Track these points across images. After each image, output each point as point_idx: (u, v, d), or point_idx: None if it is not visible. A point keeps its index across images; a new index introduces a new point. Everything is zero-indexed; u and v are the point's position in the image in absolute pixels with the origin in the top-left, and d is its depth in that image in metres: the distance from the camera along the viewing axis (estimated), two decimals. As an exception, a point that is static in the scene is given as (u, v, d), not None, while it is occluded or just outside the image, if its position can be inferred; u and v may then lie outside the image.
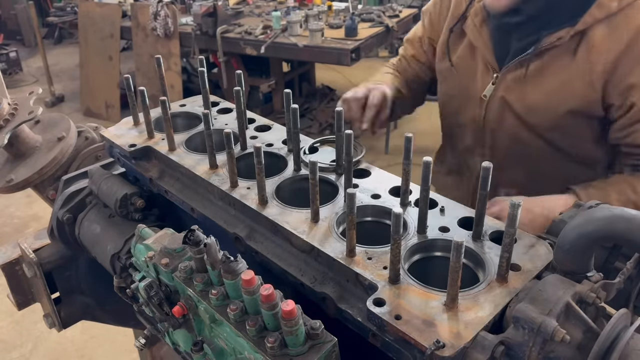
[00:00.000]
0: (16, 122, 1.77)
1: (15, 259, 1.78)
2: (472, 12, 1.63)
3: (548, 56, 1.48)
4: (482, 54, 1.62)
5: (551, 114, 1.52)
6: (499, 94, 1.59)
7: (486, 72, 1.62)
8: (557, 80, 1.48)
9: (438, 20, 1.78)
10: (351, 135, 1.17)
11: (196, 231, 1.00)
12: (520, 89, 1.55)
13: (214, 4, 5.85)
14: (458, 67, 1.70)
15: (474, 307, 0.89)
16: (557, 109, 1.51)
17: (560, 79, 1.48)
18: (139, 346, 1.48)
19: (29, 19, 9.75)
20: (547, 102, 1.51)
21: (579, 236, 0.89)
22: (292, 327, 0.84)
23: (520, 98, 1.56)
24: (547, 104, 1.51)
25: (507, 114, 1.60)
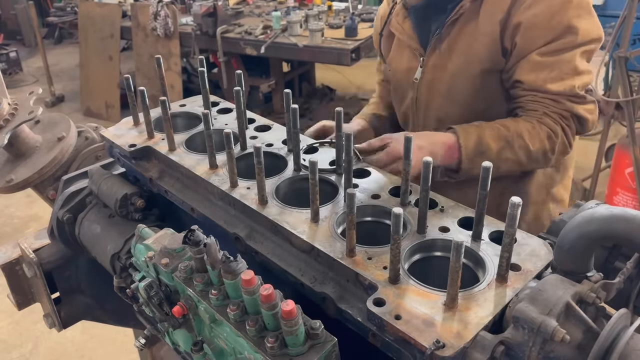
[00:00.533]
0: (16, 122, 1.77)
1: (15, 259, 1.78)
2: (394, 13, 1.83)
3: (457, 27, 1.63)
4: (408, 44, 1.79)
5: (466, 78, 1.64)
6: (427, 74, 1.74)
7: (414, 58, 1.78)
8: (466, 44, 1.62)
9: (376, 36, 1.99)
10: (351, 135, 1.17)
11: (196, 231, 1.00)
12: (441, 65, 1.69)
13: (214, 4, 5.85)
14: (391, 64, 1.88)
15: (474, 307, 0.89)
16: (471, 71, 1.63)
17: (468, 42, 1.62)
18: (139, 346, 1.48)
19: (29, 19, 9.75)
20: (461, 66, 1.64)
21: (579, 236, 0.89)
22: (292, 327, 0.84)
23: (444, 72, 1.69)
24: (462, 68, 1.64)
25: (434, 91, 1.73)
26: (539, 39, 1.52)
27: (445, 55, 1.67)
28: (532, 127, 1.55)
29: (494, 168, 1.50)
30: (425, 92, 1.76)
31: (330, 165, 1.32)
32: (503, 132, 1.55)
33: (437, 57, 1.70)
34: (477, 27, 1.59)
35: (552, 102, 1.56)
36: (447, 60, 1.67)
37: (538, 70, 1.53)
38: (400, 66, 1.84)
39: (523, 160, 1.57)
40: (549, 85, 1.53)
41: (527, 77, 1.55)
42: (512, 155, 1.56)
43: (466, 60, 1.63)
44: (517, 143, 1.54)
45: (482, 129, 1.56)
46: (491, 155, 1.52)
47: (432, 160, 1.42)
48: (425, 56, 1.72)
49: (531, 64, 1.53)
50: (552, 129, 1.55)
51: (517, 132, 1.55)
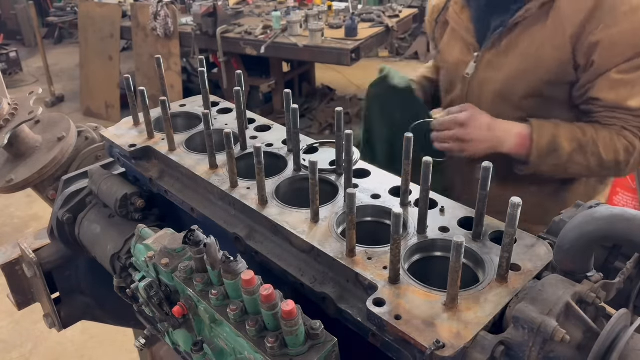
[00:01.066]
0: (16, 122, 1.77)
1: (15, 259, 1.78)
2: (453, 1, 1.81)
3: (520, 29, 1.60)
4: (463, 36, 1.77)
5: (526, 82, 1.62)
6: (480, 71, 1.72)
7: (467, 52, 1.76)
8: (529, 49, 1.59)
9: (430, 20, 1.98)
10: (351, 135, 1.17)
11: (196, 231, 1.00)
12: (497, 64, 1.67)
13: (214, 4, 5.85)
14: (443, 53, 1.87)
15: (474, 307, 0.89)
16: (531, 77, 1.60)
17: (532, 47, 1.59)
18: (139, 346, 1.48)
19: (29, 19, 9.75)
20: (521, 72, 1.62)
21: (579, 236, 0.89)
22: (292, 327, 0.84)
23: (500, 72, 1.67)
24: (522, 74, 1.62)
25: (486, 90, 1.71)
26: (619, 57, 1.49)
27: (503, 55, 1.65)
28: (610, 137, 1.54)
29: (562, 169, 1.58)
30: (477, 88, 1.74)
31: (330, 165, 1.32)
32: (579, 135, 1.55)
33: (493, 55, 1.67)
34: (544, 35, 1.56)
35: (632, 118, 1.54)
36: (504, 60, 1.65)
37: (618, 87, 1.51)
38: (451, 57, 1.82)
39: (593, 167, 1.56)
40: (630, 102, 1.51)
41: (606, 95, 1.52)
42: (583, 160, 1.55)
43: (527, 65, 1.60)
44: (591, 149, 1.54)
45: (558, 128, 1.56)
46: (562, 155, 1.54)
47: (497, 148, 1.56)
48: (481, 52, 1.70)
49: (610, 81, 1.51)
50: (630, 142, 1.54)
51: (593, 138, 1.54)
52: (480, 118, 1.59)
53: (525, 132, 1.57)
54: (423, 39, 8.67)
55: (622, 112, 1.54)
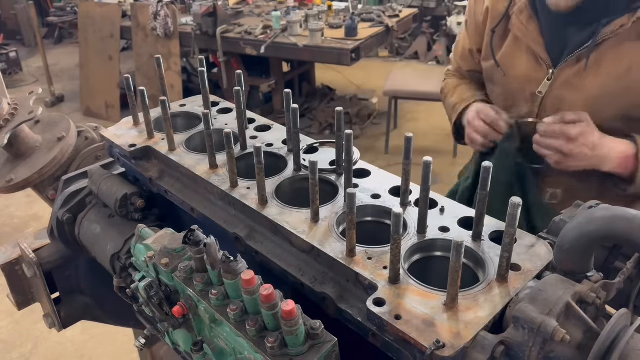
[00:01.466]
0: (16, 122, 1.77)
1: (15, 259, 1.78)
2: (517, 10, 1.60)
3: (608, 45, 1.45)
4: (532, 50, 1.59)
5: (614, 104, 1.49)
6: (556, 90, 1.56)
7: (537, 67, 1.59)
8: (619, 69, 1.45)
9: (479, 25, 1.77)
10: (351, 135, 1.17)
11: (196, 231, 1.00)
12: (580, 83, 1.51)
13: (214, 4, 5.85)
14: (504, 66, 1.67)
15: (474, 307, 0.89)
16: (621, 98, 1.47)
17: (623, 66, 1.45)
18: (139, 346, 1.48)
19: (29, 19, 9.75)
20: (610, 93, 1.48)
21: (579, 236, 0.89)
22: (292, 327, 0.84)
23: (580, 92, 1.52)
24: (610, 95, 1.48)
25: (563, 110, 1.55)
26: None
27: (586, 77, 1.50)
28: None
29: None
30: (551, 109, 1.58)
31: (330, 165, 1.32)
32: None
33: (574, 74, 1.52)
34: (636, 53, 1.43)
35: None
36: (588, 80, 1.50)
37: None
38: (517, 72, 1.64)
39: None
40: None
41: None
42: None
43: (616, 87, 1.47)
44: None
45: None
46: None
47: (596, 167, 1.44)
48: (556, 69, 1.54)
49: None
50: None
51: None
52: (591, 136, 1.45)
53: (630, 152, 1.45)
54: (423, 39, 8.68)
55: None
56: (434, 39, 8.64)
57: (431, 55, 8.55)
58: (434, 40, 8.61)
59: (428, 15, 8.63)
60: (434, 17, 8.66)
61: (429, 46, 8.68)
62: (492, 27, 1.69)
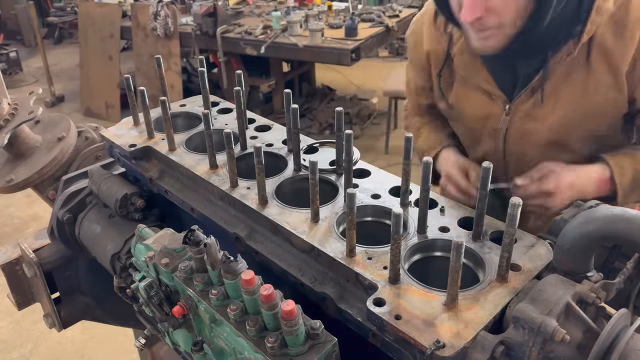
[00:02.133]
0: (16, 122, 1.77)
1: (15, 259, 1.78)
2: (457, 51, 1.57)
3: (560, 73, 1.44)
4: (483, 88, 1.57)
5: (579, 127, 1.50)
6: (516, 123, 1.55)
7: (492, 104, 1.57)
8: (577, 93, 1.46)
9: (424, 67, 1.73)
10: (351, 135, 1.17)
11: (196, 231, 1.00)
12: (540, 114, 1.51)
13: (214, 4, 5.84)
14: (459, 106, 1.65)
15: (474, 307, 0.89)
16: (584, 123, 1.49)
17: (580, 91, 1.45)
18: (139, 346, 1.48)
19: (29, 19, 9.75)
20: (571, 120, 1.49)
21: (579, 236, 0.89)
22: (292, 327, 0.84)
23: (541, 123, 1.52)
24: (572, 121, 1.49)
25: (529, 142, 1.57)
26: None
27: (544, 106, 1.49)
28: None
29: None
30: (516, 142, 1.58)
31: (330, 165, 1.32)
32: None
33: (531, 106, 1.51)
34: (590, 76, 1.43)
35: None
36: (549, 111, 1.49)
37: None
38: (474, 111, 1.61)
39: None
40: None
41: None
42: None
43: (578, 112, 1.47)
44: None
45: (636, 160, 1.47)
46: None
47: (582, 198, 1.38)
48: (512, 104, 1.53)
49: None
50: None
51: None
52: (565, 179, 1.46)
53: (605, 176, 1.46)
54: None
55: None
56: (434, 39, 8.63)
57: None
58: (434, 40, 8.60)
59: (428, 15, 8.62)
60: (434, 17, 8.64)
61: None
62: (437, 71, 1.66)
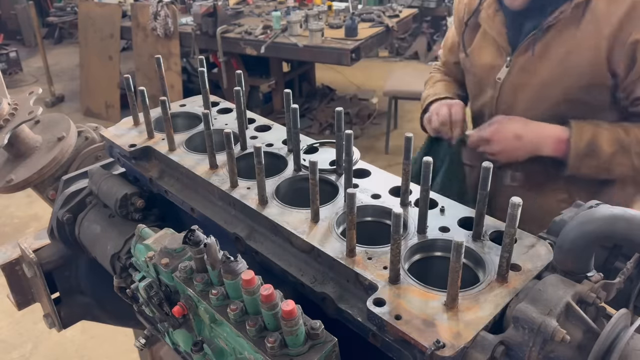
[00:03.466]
0: (16, 122, 1.77)
1: (15, 259, 1.78)
2: (486, 5, 1.76)
3: (554, 31, 1.58)
4: (495, 40, 1.73)
5: (561, 87, 1.60)
6: (513, 76, 1.68)
7: (500, 56, 1.72)
8: (563, 52, 1.57)
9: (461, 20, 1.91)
10: (351, 135, 1.17)
11: (196, 231, 1.00)
12: (532, 68, 1.63)
13: (214, 4, 5.85)
14: (472, 56, 1.81)
15: (474, 307, 0.89)
16: (566, 82, 1.58)
17: (566, 50, 1.56)
18: (139, 346, 1.48)
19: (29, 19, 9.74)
20: (555, 75, 1.59)
21: (579, 236, 0.89)
22: (292, 327, 0.84)
23: (532, 77, 1.64)
24: (556, 77, 1.59)
25: (519, 96, 1.68)
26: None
27: (537, 60, 1.62)
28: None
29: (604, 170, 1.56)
30: (509, 94, 1.71)
31: (330, 165, 1.32)
32: (621, 135, 1.53)
33: (527, 60, 1.64)
34: (578, 37, 1.54)
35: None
36: (539, 66, 1.62)
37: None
38: (483, 61, 1.78)
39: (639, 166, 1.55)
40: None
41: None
42: (626, 160, 1.54)
43: (561, 70, 1.58)
44: (635, 149, 1.52)
45: (598, 129, 1.54)
46: (602, 157, 1.53)
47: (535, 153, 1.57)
48: (513, 56, 1.68)
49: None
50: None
51: (637, 138, 1.52)
52: (507, 129, 1.60)
53: (563, 136, 1.56)
54: (423, 38, 8.67)
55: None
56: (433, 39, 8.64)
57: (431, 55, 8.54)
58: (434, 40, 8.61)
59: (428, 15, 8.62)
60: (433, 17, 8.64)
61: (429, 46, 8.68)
62: (465, 20, 1.85)
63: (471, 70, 1.85)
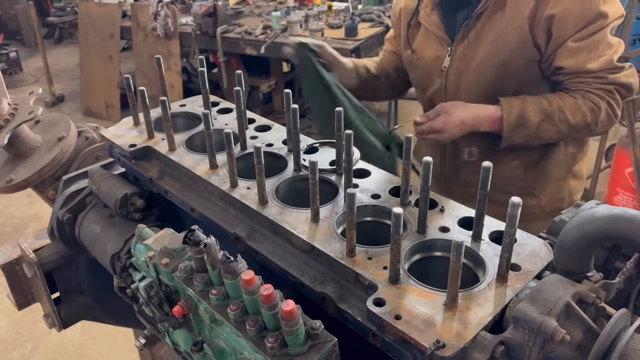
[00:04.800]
0: (16, 122, 1.77)
1: (15, 259, 1.78)
2: (423, 5, 1.96)
3: (483, 18, 1.77)
4: (436, 35, 1.92)
5: (493, 65, 1.78)
6: (455, 63, 1.87)
7: (442, 48, 1.91)
8: (493, 35, 1.76)
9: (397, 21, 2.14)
10: (351, 135, 1.17)
11: (196, 231, 1.00)
12: (469, 54, 1.82)
13: (214, 4, 5.85)
14: (418, 52, 2.00)
15: (474, 307, 0.89)
16: (498, 59, 1.77)
17: (495, 33, 1.75)
18: (139, 346, 1.48)
19: (29, 19, 9.75)
20: (489, 56, 1.78)
21: (579, 236, 0.89)
22: (292, 327, 0.84)
23: (470, 61, 1.83)
24: (490, 57, 1.78)
25: (462, 80, 1.87)
26: (572, 27, 1.66)
27: (473, 45, 1.80)
28: (574, 102, 1.71)
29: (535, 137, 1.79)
30: (453, 79, 1.89)
31: (330, 165, 1.32)
32: (545, 106, 1.72)
33: (464, 47, 1.82)
34: (504, 20, 1.73)
35: (594, 80, 1.70)
36: (475, 50, 1.80)
37: (576, 54, 1.68)
38: (428, 54, 1.96)
39: (565, 131, 1.74)
40: (589, 65, 1.68)
41: (566, 62, 1.69)
42: (552, 127, 1.73)
43: (494, 50, 1.77)
44: (558, 116, 1.71)
45: (525, 103, 1.74)
46: (531, 127, 1.73)
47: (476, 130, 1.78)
48: (453, 45, 1.86)
49: (568, 50, 1.68)
50: (595, 103, 1.70)
51: (559, 106, 1.71)
52: (454, 117, 1.76)
53: (496, 114, 1.75)
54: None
55: (584, 75, 1.70)
56: (434, 39, 8.63)
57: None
58: (434, 40, 8.60)
59: (428, 15, 8.63)
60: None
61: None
62: (407, 21, 2.04)
63: (418, 64, 2.01)
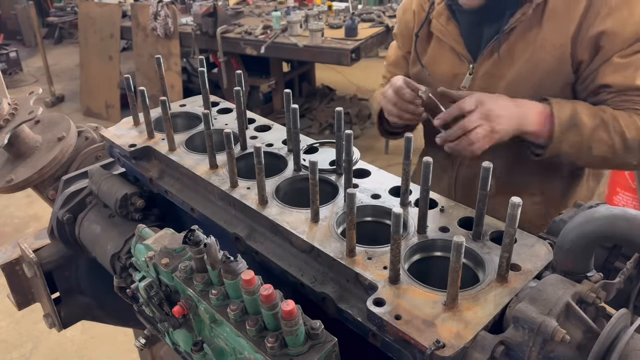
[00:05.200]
0: (16, 122, 1.77)
1: (15, 259, 1.78)
2: (436, 14, 1.73)
3: (516, 34, 1.59)
4: (453, 49, 1.71)
5: (527, 86, 1.60)
6: (478, 82, 1.67)
7: (460, 64, 1.71)
8: (528, 53, 1.58)
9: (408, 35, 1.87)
10: (351, 135, 1.17)
11: (196, 231, 1.00)
12: (498, 72, 1.64)
13: (214, 4, 5.85)
14: (430, 67, 1.78)
15: (474, 307, 0.89)
16: (532, 80, 1.60)
17: (530, 50, 1.58)
18: (139, 346, 1.48)
19: (29, 19, 9.75)
20: (523, 74, 1.60)
21: (579, 236, 0.89)
22: (292, 327, 0.84)
23: (499, 80, 1.64)
24: (524, 76, 1.60)
25: None
26: (621, 43, 1.51)
27: (504, 64, 1.62)
28: (628, 115, 1.52)
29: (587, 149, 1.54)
30: None
31: (330, 165, 1.32)
32: (599, 112, 1.53)
33: (491, 65, 1.64)
34: (540, 36, 1.57)
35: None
36: (505, 69, 1.62)
37: (622, 70, 1.53)
38: (443, 70, 1.75)
39: (617, 146, 1.52)
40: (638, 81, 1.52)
41: (612, 79, 1.54)
42: (606, 136, 1.52)
43: (529, 69, 1.60)
44: (613, 125, 1.51)
45: (576, 104, 1.54)
46: (585, 131, 1.50)
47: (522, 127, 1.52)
48: (476, 63, 1.67)
49: (614, 66, 1.52)
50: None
51: (613, 115, 1.52)
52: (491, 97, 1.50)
53: (545, 110, 1.52)
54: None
55: (632, 93, 1.53)
56: (434, 39, 8.64)
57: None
58: (434, 40, 8.61)
59: (428, 15, 8.63)
60: (434, 17, 8.65)
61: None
62: (416, 31, 1.80)
63: (429, 81, 1.76)
